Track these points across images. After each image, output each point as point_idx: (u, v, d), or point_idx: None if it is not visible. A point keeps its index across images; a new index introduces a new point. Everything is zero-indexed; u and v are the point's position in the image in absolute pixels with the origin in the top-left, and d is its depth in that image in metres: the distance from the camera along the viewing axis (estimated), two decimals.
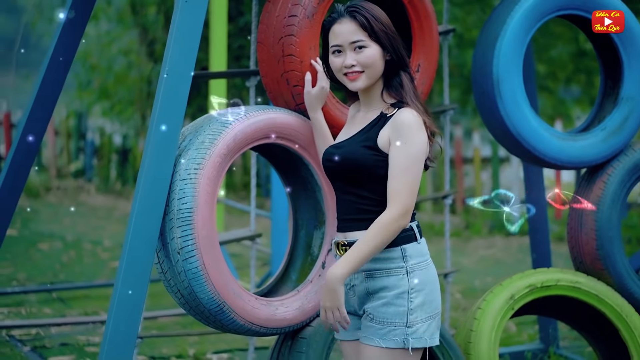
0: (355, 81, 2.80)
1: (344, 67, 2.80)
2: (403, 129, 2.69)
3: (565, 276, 3.68)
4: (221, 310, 2.98)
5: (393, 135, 2.71)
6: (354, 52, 2.78)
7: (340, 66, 2.82)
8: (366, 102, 2.87)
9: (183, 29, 2.97)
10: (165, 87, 2.94)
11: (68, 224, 10.54)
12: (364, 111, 2.87)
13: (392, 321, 2.70)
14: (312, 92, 3.06)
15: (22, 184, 3.84)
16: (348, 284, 2.80)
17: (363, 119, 2.85)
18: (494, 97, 3.63)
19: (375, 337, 2.71)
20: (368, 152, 2.73)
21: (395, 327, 2.70)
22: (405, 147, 2.68)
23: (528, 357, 4.98)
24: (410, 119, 2.70)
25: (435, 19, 3.44)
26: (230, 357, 5.25)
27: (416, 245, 2.75)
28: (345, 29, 2.78)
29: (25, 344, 5.39)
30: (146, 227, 2.88)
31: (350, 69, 2.79)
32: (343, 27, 2.79)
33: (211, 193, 2.94)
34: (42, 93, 3.76)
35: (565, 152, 3.74)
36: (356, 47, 2.78)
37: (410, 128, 2.69)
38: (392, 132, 2.71)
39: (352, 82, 2.81)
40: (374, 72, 2.79)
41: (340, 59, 2.81)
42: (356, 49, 2.78)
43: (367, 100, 2.86)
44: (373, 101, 2.85)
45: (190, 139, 3.00)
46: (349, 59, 2.79)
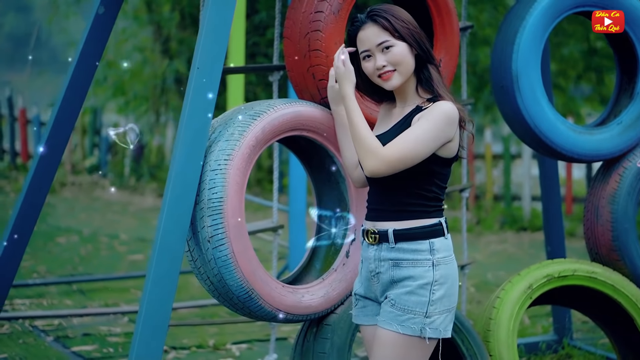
0: (390, 80, 2.90)
1: (376, 70, 2.90)
2: (435, 111, 2.80)
3: (581, 266, 3.77)
4: (249, 297, 3.07)
5: (424, 113, 2.82)
6: (382, 53, 2.88)
7: (373, 69, 2.92)
8: (402, 99, 2.97)
9: (213, 23, 3.06)
10: (196, 80, 3.03)
11: (84, 218, 10.67)
12: (400, 107, 2.97)
13: (413, 309, 2.79)
14: (336, 87, 3.15)
15: (50, 179, 3.93)
16: (373, 270, 2.89)
17: (399, 113, 2.95)
18: (513, 91, 3.72)
19: (394, 322, 2.81)
20: None
21: (414, 316, 2.79)
22: (427, 123, 2.78)
23: (542, 348, 5.05)
24: (447, 108, 2.81)
25: (456, 15, 3.53)
26: (249, 347, 5.34)
27: (443, 240, 2.85)
28: (369, 33, 2.89)
29: (48, 334, 5.50)
30: (178, 216, 2.97)
31: (382, 69, 2.89)
32: (367, 32, 2.90)
33: (240, 183, 3.03)
34: (71, 89, 3.84)
35: (582, 146, 3.82)
36: (383, 48, 2.88)
37: (440, 113, 2.79)
38: (424, 112, 2.82)
39: (386, 82, 2.91)
40: (405, 69, 2.89)
41: (371, 63, 2.91)
42: (384, 49, 2.88)
43: (403, 98, 2.96)
44: (409, 98, 2.94)
45: (220, 130, 3.09)
46: (379, 60, 2.89)
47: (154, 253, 2.96)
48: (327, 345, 3.27)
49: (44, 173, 3.88)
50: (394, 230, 2.84)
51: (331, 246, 3.46)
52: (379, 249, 2.88)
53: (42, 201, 3.94)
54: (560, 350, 5.07)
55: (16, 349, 5.11)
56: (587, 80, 13.87)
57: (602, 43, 12.82)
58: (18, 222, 3.86)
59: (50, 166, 3.88)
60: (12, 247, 3.89)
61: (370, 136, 2.83)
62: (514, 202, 11.80)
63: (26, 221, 3.89)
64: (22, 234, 3.89)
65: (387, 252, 2.86)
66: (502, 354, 3.54)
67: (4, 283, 3.92)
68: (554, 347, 5.09)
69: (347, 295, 3.35)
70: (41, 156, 3.85)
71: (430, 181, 2.85)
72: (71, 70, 3.82)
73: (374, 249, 2.89)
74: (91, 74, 3.86)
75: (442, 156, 2.85)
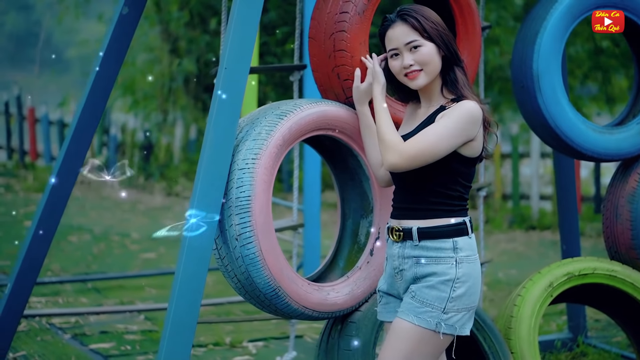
0: (416, 79, 2.93)
1: (403, 68, 2.94)
2: (458, 109, 2.83)
3: (601, 265, 3.80)
4: (276, 294, 3.10)
5: (447, 112, 2.85)
6: (410, 52, 2.92)
7: (400, 68, 2.95)
8: (427, 99, 3.00)
9: (240, 24, 3.09)
10: (223, 80, 3.06)
11: (95, 217, 10.71)
12: (425, 107, 3.00)
13: (431, 303, 2.83)
14: (361, 87, 3.18)
15: (74, 178, 3.98)
16: (397, 267, 2.93)
17: (424, 114, 2.99)
18: (534, 91, 3.75)
19: (411, 313, 2.84)
20: None
21: (432, 310, 2.82)
22: (449, 121, 2.82)
23: (558, 346, 5.09)
24: (470, 107, 2.84)
25: (478, 15, 3.56)
26: (265, 344, 5.38)
27: (467, 239, 2.88)
28: (398, 32, 2.93)
29: (66, 332, 5.53)
30: (207, 215, 3.01)
31: (409, 68, 2.93)
32: (396, 31, 2.93)
33: (268, 182, 3.06)
34: (95, 89, 3.88)
35: (602, 145, 3.86)
36: (411, 48, 2.92)
37: (463, 111, 2.83)
38: (447, 110, 2.86)
39: (412, 81, 2.94)
40: (432, 69, 2.92)
41: (399, 61, 2.95)
42: (412, 49, 2.92)
43: (428, 98, 2.99)
44: (434, 98, 2.98)
45: (247, 130, 3.13)
46: (406, 59, 2.92)
47: (183, 251, 2.99)
48: (352, 343, 3.30)
49: (67, 172, 3.93)
50: (418, 228, 2.87)
51: (354, 244, 3.50)
52: (403, 247, 2.91)
53: (66, 200, 3.99)
54: (575, 348, 5.10)
55: (35, 347, 5.14)
56: (593, 80, 13.88)
57: (608, 42, 12.84)
58: (44, 217, 3.93)
59: (74, 164, 3.93)
60: (37, 244, 3.95)
61: (393, 132, 2.88)
62: (521, 201, 11.82)
63: (51, 217, 3.95)
64: (47, 230, 3.94)
65: (410, 250, 2.89)
66: (524, 351, 3.58)
67: (28, 281, 3.97)
68: (569, 345, 5.12)
69: (371, 293, 3.38)
70: (65, 155, 3.89)
71: (455, 180, 2.88)
72: (95, 70, 3.86)
73: (398, 246, 2.93)
74: (115, 73, 3.90)
75: (466, 155, 2.88)
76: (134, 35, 3.91)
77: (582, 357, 5.02)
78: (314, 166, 6.22)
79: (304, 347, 5.23)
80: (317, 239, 6.28)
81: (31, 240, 3.97)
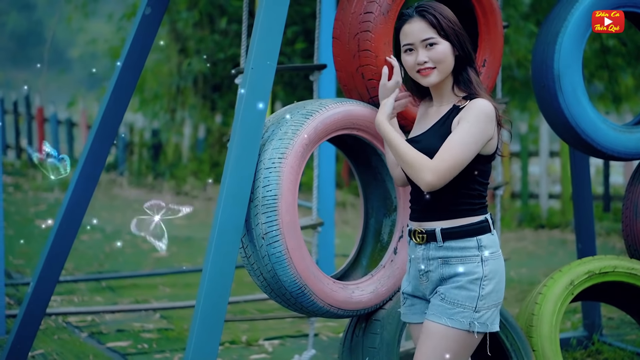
0: (428, 77, 2.94)
1: (417, 64, 2.94)
2: (474, 111, 2.84)
3: (621, 263, 3.82)
4: (302, 292, 3.13)
5: (463, 115, 2.86)
6: (425, 49, 2.93)
7: (413, 64, 2.96)
8: (438, 97, 3.01)
9: (266, 25, 3.12)
10: (250, 80, 3.09)
11: (105, 216, 10.73)
12: (436, 106, 3.01)
13: (463, 304, 2.85)
14: (388, 85, 3.19)
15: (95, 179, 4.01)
16: (422, 270, 2.94)
17: (436, 113, 2.99)
18: (555, 91, 3.78)
19: (443, 315, 2.86)
20: None
21: (464, 310, 2.84)
22: (468, 125, 2.82)
23: (573, 344, 5.11)
24: (484, 106, 2.85)
25: (501, 15, 3.58)
26: (281, 343, 5.40)
27: (490, 236, 2.90)
28: (415, 28, 2.93)
29: (82, 330, 5.56)
30: (233, 214, 3.03)
31: (423, 65, 2.93)
32: (414, 26, 2.94)
33: (294, 181, 3.08)
34: (118, 89, 3.91)
35: (622, 144, 3.88)
36: (427, 45, 2.92)
37: (479, 112, 2.84)
38: (463, 113, 2.86)
39: (425, 78, 2.95)
40: (445, 68, 2.94)
41: (413, 57, 2.96)
42: (427, 46, 2.92)
43: (439, 95, 3.01)
44: (445, 96, 2.99)
45: (272, 129, 3.15)
46: (421, 55, 2.93)
47: (210, 250, 3.02)
48: (377, 341, 3.32)
49: (89, 173, 3.97)
50: (442, 229, 2.88)
51: (377, 243, 3.52)
52: (427, 248, 2.92)
53: (88, 201, 4.02)
54: (590, 346, 5.13)
55: (52, 345, 5.17)
56: (599, 79, 13.88)
57: (615, 41, 12.84)
58: (66, 217, 3.96)
59: (97, 164, 3.96)
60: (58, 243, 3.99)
61: (415, 152, 2.86)
62: (530, 200, 11.84)
63: (73, 218, 3.98)
64: (69, 230, 3.98)
65: (435, 251, 2.90)
66: (545, 348, 3.60)
67: (50, 280, 4.01)
68: (584, 343, 5.14)
69: (395, 291, 3.41)
70: (88, 154, 3.92)
71: (474, 179, 2.89)
72: (118, 70, 3.89)
73: (421, 248, 2.94)
74: (137, 73, 3.93)
75: (483, 154, 2.89)
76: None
77: (597, 355, 5.04)
78: (328, 165, 6.25)
79: (320, 345, 5.26)
80: (331, 237, 6.32)
81: (53, 239, 4.01)
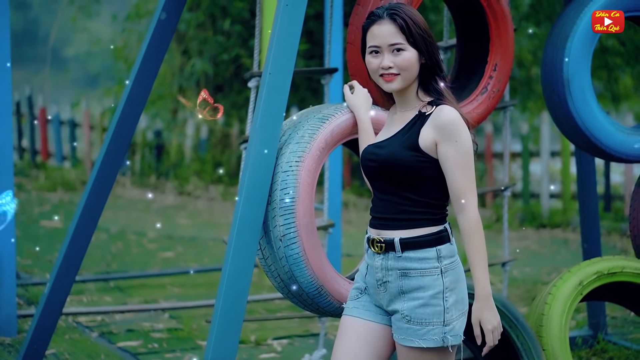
0: (391, 82, 2.87)
1: (381, 69, 2.86)
2: (450, 128, 2.77)
3: (629, 263, 3.88)
4: (319, 293, 3.19)
5: (440, 136, 2.78)
6: (392, 54, 2.84)
7: (377, 67, 2.87)
8: (402, 102, 2.93)
9: (284, 30, 3.18)
10: (268, 84, 3.15)
11: (109, 216, 10.76)
12: (401, 111, 2.93)
13: (430, 321, 2.78)
14: (361, 94, 3.20)
15: (114, 176, 4.08)
16: (380, 280, 2.87)
17: (401, 119, 2.91)
18: (564, 94, 3.84)
19: (414, 338, 2.80)
20: (410, 154, 2.80)
21: (433, 327, 2.78)
22: (457, 145, 2.77)
23: (579, 343, 5.17)
24: (454, 116, 2.78)
25: (511, 19, 3.64)
26: (290, 342, 5.46)
27: (449, 246, 2.84)
28: (384, 31, 2.85)
29: (93, 330, 5.61)
30: (251, 216, 3.10)
31: (387, 70, 2.85)
32: (382, 29, 2.85)
33: (311, 184, 3.14)
34: (133, 93, 3.97)
35: (631, 146, 3.94)
36: (394, 50, 2.84)
37: (456, 125, 2.77)
38: (437, 133, 2.78)
39: (387, 84, 2.88)
40: (409, 75, 2.86)
41: (378, 59, 2.87)
42: (394, 51, 2.84)
43: (403, 101, 2.93)
44: (409, 101, 2.91)
45: (289, 133, 3.21)
46: (386, 60, 2.85)
47: (229, 251, 3.09)
48: None
49: (106, 174, 4.03)
50: (401, 239, 2.82)
51: None
52: (386, 258, 2.85)
53: (104, 202, 4.08)
54: (595, 345, 5.19)
55: (64, 345, 5.21)
56: (598, 79, 13.93)
57: (614, 41, 12.90)
58: (82, 218, 4.04)
59: (113, 166, 4.02)
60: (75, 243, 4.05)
61: (480, 235, 2.81)
62: (531, 200, 11.90)
63: (90, 218, 4.05)
64: (85, 230, 4.05)
65: (394, 262, 2.83)
66: (555, 348, 3.67)
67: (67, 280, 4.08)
68: (589, 342, 5.20)
69: None
70: (104, 156, 3.98)
71: (437, 188, 2.84)
72: (133, 75, 3.95)
73: (380, 258, 2.86)
74: (153, 77, 3.98)
75: None
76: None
77: (602, 353, 5.10)
78: (335, 166, 6.31)
79: (330, 344, 5.30)
80: (338, 238, 6.38)
81: (70, 241, 4.07)
